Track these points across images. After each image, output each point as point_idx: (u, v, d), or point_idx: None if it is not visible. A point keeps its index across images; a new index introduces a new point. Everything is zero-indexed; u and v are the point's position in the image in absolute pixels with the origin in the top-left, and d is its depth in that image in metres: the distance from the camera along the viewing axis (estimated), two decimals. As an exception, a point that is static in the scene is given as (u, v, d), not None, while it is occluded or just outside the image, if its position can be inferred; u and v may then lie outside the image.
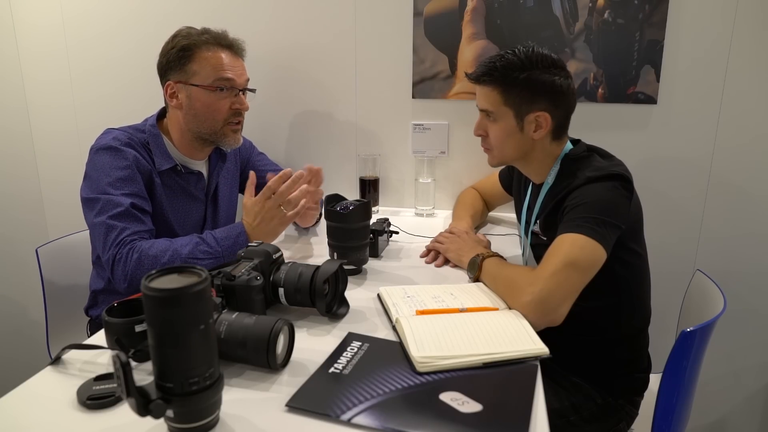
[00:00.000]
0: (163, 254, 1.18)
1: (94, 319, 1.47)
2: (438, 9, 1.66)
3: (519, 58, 1.18)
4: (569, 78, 1.21)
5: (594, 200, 1.10)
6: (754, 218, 1.66)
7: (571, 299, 1.02)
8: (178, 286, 0.63)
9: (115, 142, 1.29)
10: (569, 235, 1.07)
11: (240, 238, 1.25)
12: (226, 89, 1.35)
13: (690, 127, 1.63)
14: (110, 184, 1.25)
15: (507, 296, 1.07)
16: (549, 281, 1.01)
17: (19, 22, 1.90)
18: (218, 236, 1.25)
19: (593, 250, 1.05)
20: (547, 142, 1.24)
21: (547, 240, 1.24)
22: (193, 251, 1.21)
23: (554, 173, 1.25)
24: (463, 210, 1.57)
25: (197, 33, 1.35)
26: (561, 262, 1.03)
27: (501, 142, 1.25)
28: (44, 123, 1.99)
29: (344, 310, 1.04)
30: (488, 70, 1.20)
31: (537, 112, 1.19)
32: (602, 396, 1.24)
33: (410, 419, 0.73)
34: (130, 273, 1.17)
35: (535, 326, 0.97)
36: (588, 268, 1.05)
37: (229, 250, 1.24)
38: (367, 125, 1.81)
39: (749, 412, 1.83)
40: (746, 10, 1.52)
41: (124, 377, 0.62)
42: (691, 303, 1.41)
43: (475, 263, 1.20)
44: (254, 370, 0.84)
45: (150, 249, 1.19)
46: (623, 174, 1.14)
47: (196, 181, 1.44)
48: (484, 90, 1.23)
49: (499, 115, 1.22)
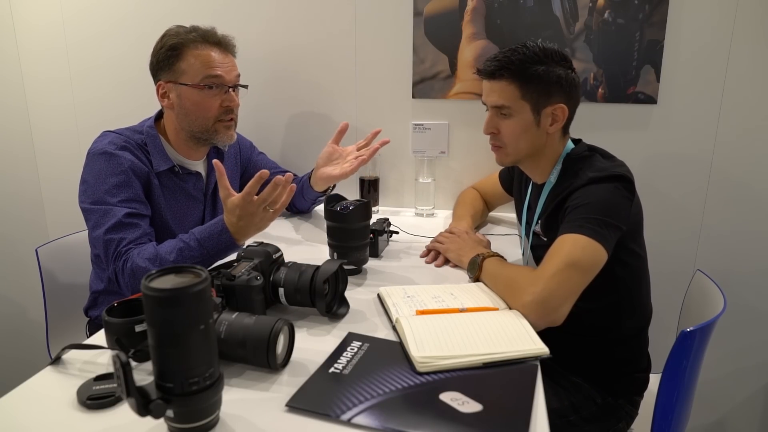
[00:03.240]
0: (152, 263, 1.19)
1: (94, 320, 1.46)
2: (438, 9, 1.66)
3: (534, 52, 1.18)
4: (575, 71, 1.23)
5: (596, 201, 1.10)
6: (755, 218, 1.66)
7: (572, 300, 1.02)
8: (178, 286, 0.63)
9: (110, 146, 1.29)
10: (570, 235, 1.07)
11: (223, 236, 1.20)
12: (215, 87, 1.35)
13: (690, 127, 1.63)
14: (106, 192, 1.26)
15: (507, 296, 1.07)
16: (550, 281, 1.01)
17: (18, 20, 1.90)
18: (201, 237, 1.21)
19: (594, 250, 1.05)
20: (558, 137, 1.25)
21: (547, 241, 1.24)
22: (177, 259, 1.20)
23: (556, 172, 1.25)
24: (464, 210, 1.57)
25: (185, 31, 1.34)
26: (562, 262, 1.03)
27: (516, 137, 1.23)
28: (44, 122, 1.99)
29: (344, 310, 1.04)
30: (504, 64, 1.18)
31: (554, 105, 1.20)
32: (602, 396, 1.24)
33: (410, 419, 0.73)
34: (129, 284, 1.21)
35: (536, 326, 0.97)
36: (589, 268, 1.05)
37: (214, 250, 1.21)
38: (367, 125, 1.80)
39: (749, 412, 1.83)
40: (746, 10, 1.52)
41: (124, 377, 0.62)
42: (691, 303, 1.41)
43: (476, 263, 1.20)
44: (254, 370, 0.84)
45: (138, 259, 1.20)
46: (625, 175, 1.14)
47: (195, 182, 1.44)
48: (499, 85, 1.20)
49: (516, 109, 1.20)
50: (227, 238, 1.20)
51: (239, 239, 1.21)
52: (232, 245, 1.21)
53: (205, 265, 1.15)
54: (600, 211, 1.08)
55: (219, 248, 1.21)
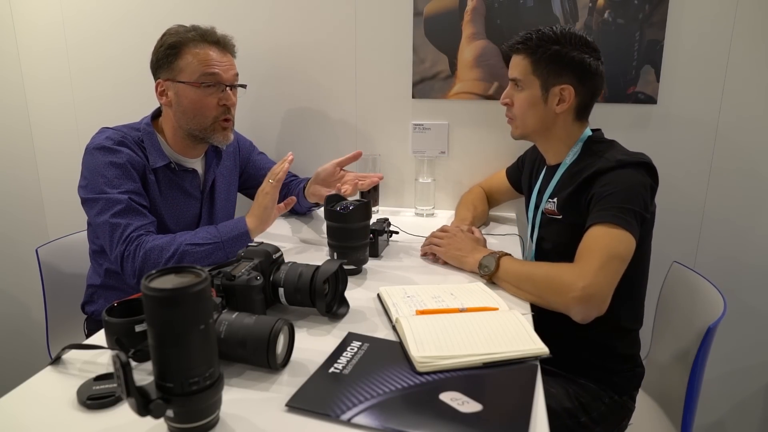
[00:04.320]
0: (169, 246, 1.23)
1: (91, 316, 1.47)
2: (438, 9, 1.66)
3: (554, 32, 1.23)
4: (600, 61, 1.25)
5: (626, 188, 1.12)
6: (754, 218, 1.66)
7: (613, 290, 1.05)
8: (178, 286, 0.63)
9: (107, 141, 1.31)
10: (605, 227, 1.09)
11: (239, 224, 1.31)
12: (212, 85, 1.35)
13: (689, 126, 1.63)
14: (107, 184, 1.27)
15: (549, 293, 1.07)
16: (598, 275, 1.04)
17: (18, 20, 1.90)
18: (219, 226, 1.31)
19: (629, 242, 1.09)
20: (570, 119, 1.27)
21: (562, 219, 1.25)
22: (193, 238, 1.27)
23: (573, 154, 1.28)
24: (466, 210, 1.57)
25: (185, 30, 1.35)
26: (606, 255, 1.05)
27: (524, 111, 1.29)
28: (44, 122, 1.99)
29: (344, 310, 1.04)
30: (524, 40, 1.26)
31: (562, 85, 1.23)
32: (608, 395, 1.24)
33: (410, 419, 0.73)
34: (138, 268, 1.22)
35: (585, 319, 1.01)
36: (627, 259, 1.09)
37: (228, 235, 1.29)
38: (367, 125, 1.81)
39: (749, 412, 1.83)
40: (746, 10, 1.52)
41: (124, 377, 0.62)
42: (678, 298, 1.43)
43: (491, 262, 1.17)
44: (254, 370, 0.84)
45: (155, 242, 1.24)
46: (651, 164, 1.17)
47: (191, 179, 1.45)
48: (517, 58, 1.29)
49: (526, 83, 1.27)
50: (242, 226, 1.31)
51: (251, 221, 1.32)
52: (244, 232, 1.30)
53: (217, 254, 1.25)
54: (630, 200, 1.11)
55: (233, 235, 1.29)
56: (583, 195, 1.18)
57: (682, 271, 1.42)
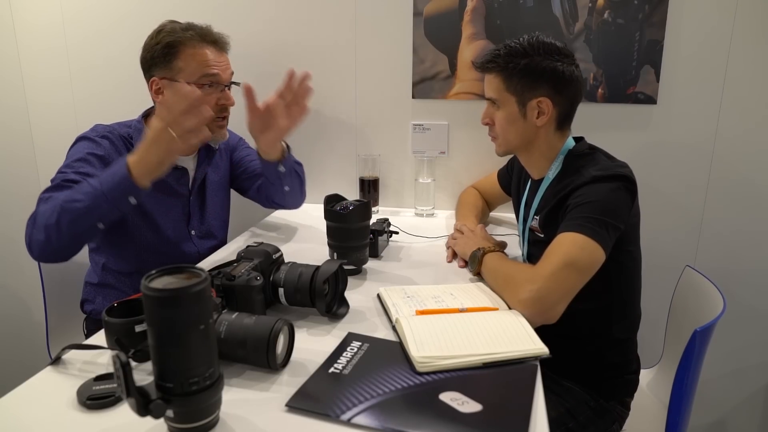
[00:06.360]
0: (53, 209, 1.11)
1: (90, 315, 1.47)
2: (438, 9, 1.66)
3: (521, 45, 1.20)
4: (574, 65, 1.21)
5: (597, 200, 1.10)
6: (754, 218, 1.66)
7: (567, 299, 1.03)
8: (178, 286, 0.63)
9: (92, 133, 1.33)
10: (570, 234, 1.07)
11: (118, 168, 1.09)
12: (211, 85, 1.35)
13: (689, 127, 1.63)
14: (67, 165, 1.26)
15: (504, 292, 1.08)
16: (548, 280, 1.02)
17: (18, 20, 1.90)
18: (101, 175, 1.12)
19: (593, 251, 1.05)
20: (551, 131, 1.25)
21: (544, 237, 1.24)
22: (72, 194, 1.12)
23: (555, 168, 1.25)
24: (467, 209, 1.57)
25: (182, 29, 1.35)
26: (561, 261, 1.03)
27: (504, 129, 1.27)
28: (44, 121, 1.99)
29: (344, 310, 1.04)
30: (492, 58, 1.23)
31: (539, 98, 1.20)
32: (594, 399, 1.23)
33: (410, 419, 0.73)
34: (27, 235, 1.17)
35: (531, 324, 0.98)
36: (587, 268, 1.06)
37: (108, 184, 1.09)
38: (367, 125, 1.81)
39: (749, 412, 1.83)
40: (746, 10, 1.52)
41: (124, 377, 0.62)
42: (688, 302, 1.41)
43: (476, 257, 1.20)
44: (254, 370, 0.84)
45: (44, 206, 1.14)
46: (628, 176, 1.14)
47: (179, 177, 1.43)
48: (489, 77, 1.26)
49: (503, 101, 1.24)
50: (123, 172, 1.07)
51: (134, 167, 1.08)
52: (123, 175, 1.08)
53: (98, 205, 1.08)
54: (600, 210, 1.08)
55: (113, 182, 1.09)
56: (560, 212, 1.17)
57: (694, 276, 1.39)
